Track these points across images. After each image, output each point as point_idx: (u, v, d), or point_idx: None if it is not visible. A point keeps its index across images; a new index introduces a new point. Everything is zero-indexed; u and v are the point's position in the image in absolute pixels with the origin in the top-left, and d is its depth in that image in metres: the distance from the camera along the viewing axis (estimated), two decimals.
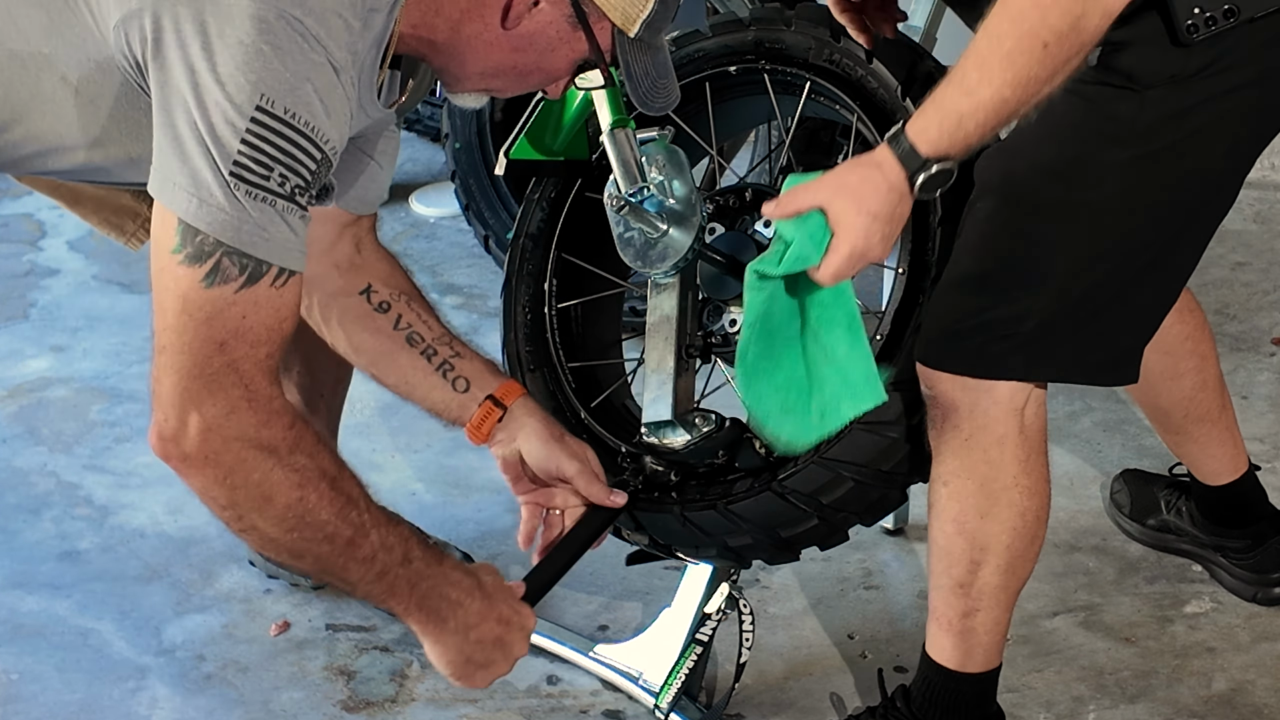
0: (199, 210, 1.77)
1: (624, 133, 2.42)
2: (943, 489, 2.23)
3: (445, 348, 2.28)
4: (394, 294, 2.27)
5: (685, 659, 2.47)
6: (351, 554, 1.90)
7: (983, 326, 2.14)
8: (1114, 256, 2.13)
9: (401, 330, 2.27)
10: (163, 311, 1.80)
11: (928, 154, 1.93)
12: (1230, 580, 2.72)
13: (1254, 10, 2.00)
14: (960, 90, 1.91)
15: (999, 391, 2.17)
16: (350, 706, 2.59)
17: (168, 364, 1.80)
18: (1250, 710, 2.49)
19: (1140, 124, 2.05)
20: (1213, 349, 2.61)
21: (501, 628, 2.04)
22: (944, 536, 2.24)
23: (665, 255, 2.41)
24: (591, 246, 2.63)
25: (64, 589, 2.85)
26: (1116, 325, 2.18)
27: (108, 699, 2.61)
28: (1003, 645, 2.31)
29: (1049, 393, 2.07)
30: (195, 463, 1.81)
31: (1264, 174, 4.02)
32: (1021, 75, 1.88)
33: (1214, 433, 2.64)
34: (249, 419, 1.81)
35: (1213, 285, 3.57)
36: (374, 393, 3.33)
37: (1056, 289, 2.12)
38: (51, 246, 4.00)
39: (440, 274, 3.78)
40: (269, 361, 1.82)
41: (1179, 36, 1.99)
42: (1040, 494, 2.23)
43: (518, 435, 2.27)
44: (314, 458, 1.86)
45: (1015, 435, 2.19)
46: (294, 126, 1.78)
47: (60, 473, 3.16)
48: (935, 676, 2.32)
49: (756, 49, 2.53)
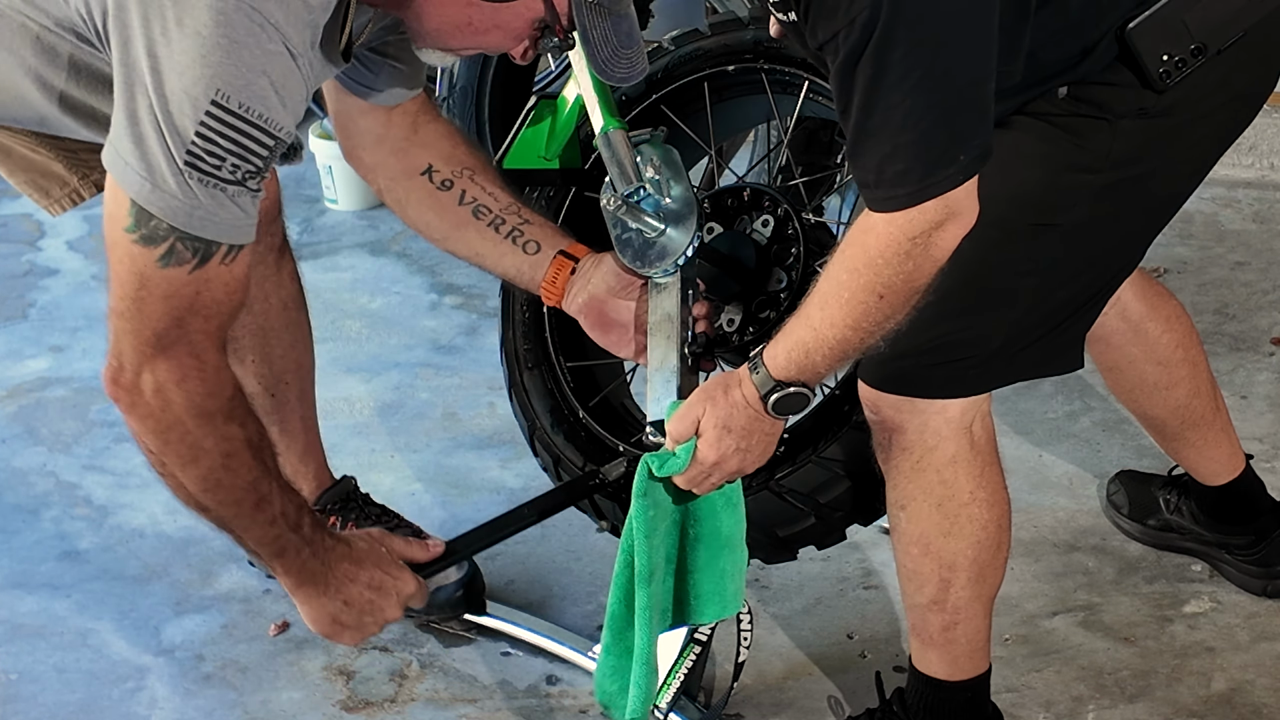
0: (151, 194, 1.87)
1: (618, 134, 2.42)
2: (900, 513, 2.21)
3: (514, 216, 2.34)
4: (456, 170, 2.32)
5: (684, 659, 2.47)
6: (255, 516, 2.04)
7: (939, 349, 2.11)
8: (1084, 275, 2.14)
9: (467, 205, 2.32)
10: (120, 281, 1.92)
11: (779, 379, 2.02)
12: (1237, 576, 2.72)
13: (1220, 43, 2.04)
14: (807, 326, 1.99)
15: (949, 412, 2.14)
16: (349, 706, 2.58)
17: (126, 328, 1.94)
18: (1249, 710, 2.49)
19: (1114, 153, 2.06)
20: (1202, 353, 2.61)
21: (372, 592, 2.15)
22: (910, 559, 2.23)
23: (664, 254, 2.41)
24: (591, 246, 2.63)
25: (63, 589, 2.85)
26: (1074, 327, 2.19)
27: (107, 699, 2.61)
28: (988, 648, 2.31)
29: (1047, 393, 2.07)
30: (138, 411, 1.97)
31: (1263, 174, 4.02)
32: (861, 320, 1.95)
33: (1210, 435, 2.63)
34: (197, 387, 1.95)
35: (1212, 285, 3.57)
36: (374, 393, 3.33)
37: (1023, 309, 2.11)
38: (50, 246, 4.00)
39: (439, 274, 3.78)
40: (219, 333, 1.97)
41: (1153, 84, 2.03)
42: (999, 502, 2.22)
43: (593, 278, 2.33)
44: (244, 427, 2.00)
45: (966, 452, 2.16)
46: (247, 120, 1.86)
47: (59, 473, 3.16)
48: (926, 688, 2.32)
49: (755, 49, 2.53)
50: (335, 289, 3.71)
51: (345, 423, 3.25)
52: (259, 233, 2.02)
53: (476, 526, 2.35)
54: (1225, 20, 2.04)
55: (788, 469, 2.34)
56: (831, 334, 1.97)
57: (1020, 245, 2.08)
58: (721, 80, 2.58)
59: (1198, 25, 2.02)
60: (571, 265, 2.33)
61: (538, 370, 2.64)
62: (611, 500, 2.49)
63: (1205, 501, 2.72)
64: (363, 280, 3.76)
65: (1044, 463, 3.03)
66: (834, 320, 1.96)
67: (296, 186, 4.14)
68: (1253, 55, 2.09)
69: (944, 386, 2.13)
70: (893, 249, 1.90)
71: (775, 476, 2.34)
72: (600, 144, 2.43)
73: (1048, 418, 3.15)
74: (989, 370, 2.15)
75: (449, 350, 3.48)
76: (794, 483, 2.33)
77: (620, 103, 2.51)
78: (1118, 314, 2.53)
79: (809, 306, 1.99)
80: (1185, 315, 2.59)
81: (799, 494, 2.33)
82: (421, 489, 3.07)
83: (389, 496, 2.87)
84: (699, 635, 2.48)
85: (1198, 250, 3.70)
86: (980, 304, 2.10)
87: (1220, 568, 2.75)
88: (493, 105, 3.62)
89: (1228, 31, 2.04)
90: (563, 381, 2.64)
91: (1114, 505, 2.88)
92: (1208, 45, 2.03)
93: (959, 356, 2.11)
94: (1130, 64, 2.03)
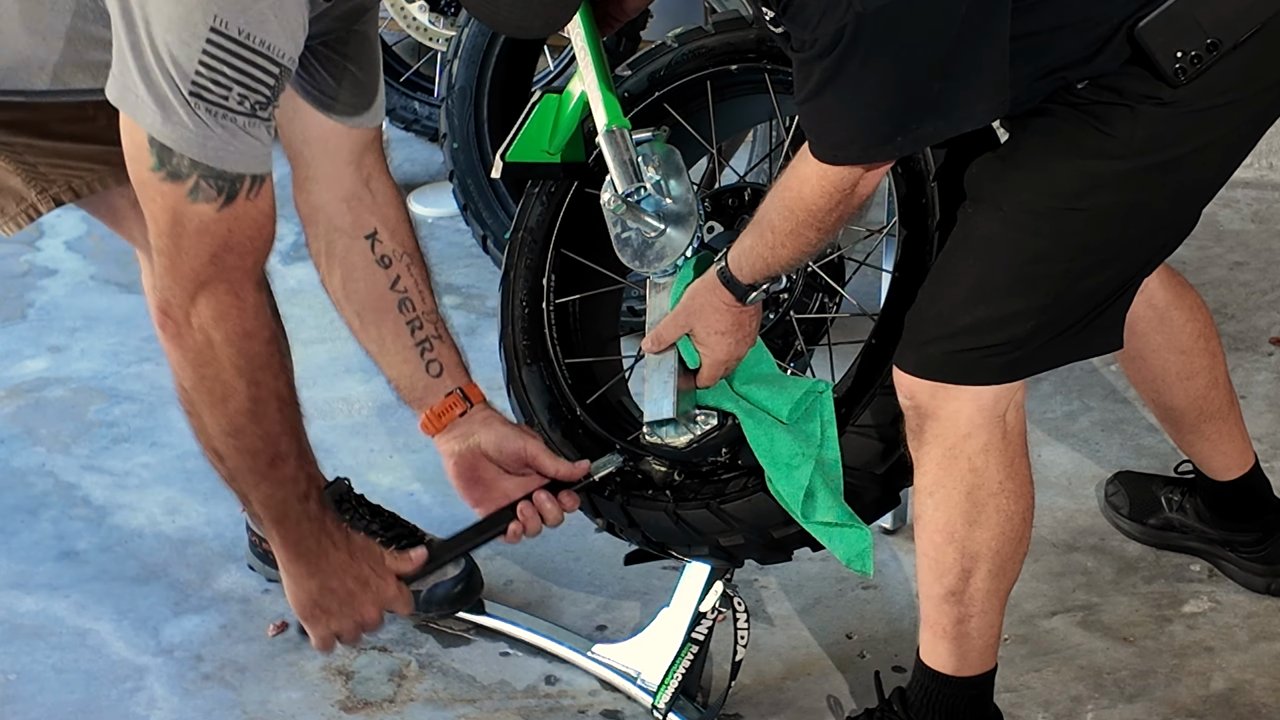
0: (164, 126, 1.88)
1: (620, 132, 2.42)
2: (928, 499, 2.21)
3: (431, 324, 2.35)
4: (398, 251, 2.34)
5: (681, 658, 2.47)
6: (268, 473, 2.06)
7: (973, 334, 2.13)
8: (1114, 262, 2.14)
9: (396, 293, 2.34)
10: (155, 220, 1.95)
11: (747, 283, 2.24)
12: (1240, 574, 2.72)
13: (1236, 37, 2.03)
14: (763, 243, 2.18)
15: (983, 399, 2.15)
16: (348, 707, 2.58)
17: (168, 265, 1.97)
18: (1248, 709, 2.49)
19: (1136, 139, 2.07)
20: (1221, 346, 2.62)
21: (357, 586, 2.18)
22: (933, 547, 2.23)
23: (663, 255, 2.41)
24: (591, 243, 2.63)
25: (62, 589, 2.85)
26: (1107, 314, 2.19)
27: (105, 699, 2.61)
28: (997, 646, 2.31)
29: (1046, 393, 2.08)
30: (184, 342, 1.99)
31: (1262, 174, 4.02)
32: (804, 245, 2.16)
33: (1224, 428, 2.64)
34: (236, 325, 1.98)
35: (1211, 285, 3.58)
36: (372, 393, 3.33)
37: (1055, 295, 2.12)
38: (49, 247, 4.00)
39: (438, 274, 3.75)
40: (256, 270, 1.99)
41: (1170, 82, 2.03)
42: (1025, 495, 2.22)
43: (476, 430, 2.33)
44: (276, 379, 2.03)
45: (999, 441, 2.17)
46: (249, 46, 1.86)
47: (58, 473, 3.16)
48: (931, 683, 2.31)
49: (759, 48, 2.52)
50: None
51: (344, 423, 3.25)
52: None
53: (462, 530, 2.36)
54: (1238, 15, 2.03)
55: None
56: (785, 253, 2.17)
57: (1047, 231, 2.10)
58: (724, 79, 2.58)
59: (1210, 21, 2.02)
60: (464, 408, 2.35)
61: (536, 366, 2.64)
62: (601, 495, 2.49)
63: (1212, 498, 2.72)
64: None
65: (1043, 462, 3.03)
66: (785, 244, 2.16)
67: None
68: (1276, 46, 2.07)
69: (978, 372, 2.14)
70: (825, 199, 2.08)
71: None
72: (603, 141, 2.42)
73: (1046, 417, 3.15)
74: (1022, 356, 2.15)
75: None
76: None
77: (623, 99, 2.51)
78: (1145, 301, 2.52)
79: (760, 228, 2.18)
80: (1205, 307, 2.60)
81: None
82: (420, 489, 3.07)
83: (388, 496, 2.87)
84: (696, 635, 2.48)
85: (1196, 250, 3.70)
86: (1010, 290, 2.12)
87: (1222, 566, 2.75)
88: (492, 105, 3.62)
89: (1242, 26, 2.03)
90: (561, 378, 2.64)
91: (1113, 506, 2.87)
92: (1223, 40, 2.02)
93: (991, 343, 2.13)
94: (1144, 62, 2.03)
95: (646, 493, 2.45)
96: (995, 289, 2.12)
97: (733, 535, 2.39)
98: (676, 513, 2.41)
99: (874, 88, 1.97)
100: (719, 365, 2.34)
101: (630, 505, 2.46)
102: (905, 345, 2.19)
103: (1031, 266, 2.11)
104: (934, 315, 2.16)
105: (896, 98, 1.98)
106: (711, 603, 2.47)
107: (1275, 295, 3.53)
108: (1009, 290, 2.12)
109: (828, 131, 2.03)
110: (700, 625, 2.48)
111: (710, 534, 2.40)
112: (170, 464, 3.15)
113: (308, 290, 3.31)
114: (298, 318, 3.55)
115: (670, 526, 2.43)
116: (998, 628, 2.29)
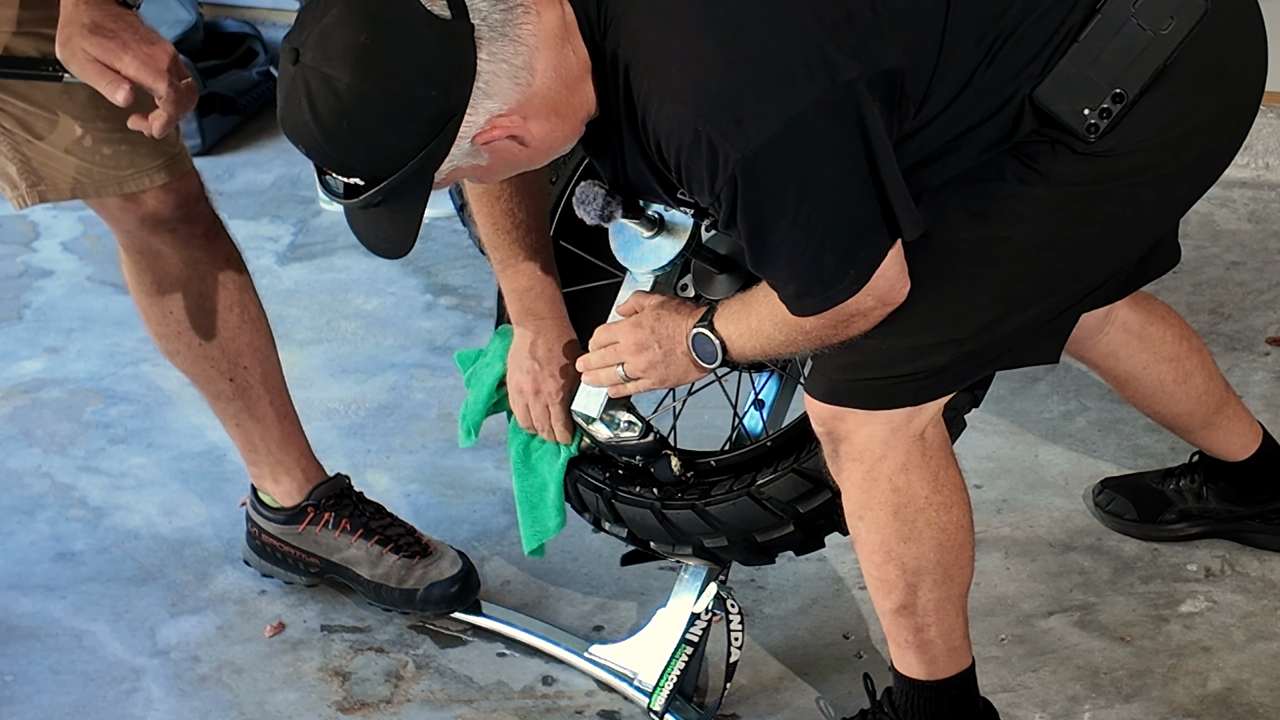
0: None
1: None
2: (859, 523, 2.20)
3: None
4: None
5: (676, 660, 2.47)
6: None
7: (891, 362, 2.08)
8: (1036, 301, 2.11)
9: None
10: None
11: (731, 359, 2.18)
12: (1276, 542, 2.74)
13: (1140, 82, 2.00)
14: (757, 335, 2.13)
15: (895, 420, 2.12)
16: (345, 707, 2.58)
17: None
18: (1246, 709, 2.49)
19: (1056, 171, 2.03)
20: (1199, 337, 2.64)
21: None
22: (875, 566, 2.21)
23: (645, 259, 2.39)
24: (589, 235, 2.62)
25: (58, 591, 2.85)
26: (1048, 331, 2.17)
27: (102, 701, 2.61)
28: (967, 644, 2.29)
29: (1043, 393, 2.06)
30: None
31: (1258, 174, 4.02)
32: (799, 351, 2.13)
33: (1229, 411, 2.66)
34: None
35: (1207, 285, 3.58)
36: (369, 394, 3.33)
37: (977, 326, 2.09)
38: (46, 248, 4.00)
39: (435, 274, 3.78)
40: None
41: (1082, 139, 2.00)
42: (957, 504, 2.19)
43: None
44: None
45: (918, 459, 2.14)
46: None
47: (55, 474, 3.16)
48: (910, 689, 2.31)
49: None
50: (330, 290, 3.71)
51: (341, 423, 3.25)
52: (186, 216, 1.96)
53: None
54: (1129, 64, 1.99)
55: (770, 477, 2.33)
56: (778, 349, 2.14)
57: (969, 258, 2.06)
58: None
59: (1106, 75, 1.98)
60: None
61: None
62: (594, 492, 2.49)
63: (1237, 477, 2.72)
64: (358, 281, 3.75)
65: (1039, 462, 3.03)
66: (777, 345, 2.12)
67: (292, 188, 4.13)
68: (1194, 84, 2.04)
69: (889, 399, 2.11)
70: (819, 329, 2.06)
71: (757, 483, 2.34)
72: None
73: (1043, 417, 3.15)
74: (936, 384, 2.12)
75: (444, 351, 3.48)
76: (775, 491, 2.32)
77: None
78: (1120, 329, 2.53)
79: (758, 322, 2.12)
80: (1172, 309, 2.62)
81: (780, 502, 2.32)
82: (417, 489, 3.07)
83: (385, 497, 2.87)
84: (690, 636, 2.48)
85: (1193, 250, 3.70)
86: (930, 317, 2.07)
87: (1254, 539, 2.75)
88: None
89: (1140, 71, 1.99)
90: None
91: (1113, 514, 2.85)
92: (1127, 90, 1.99)
93: (905, 373, 2.09)
94: (1055, 125, 2.00)
95: (634, 489, 2.45)
96: (910, 322, 2.07)
97: (716, 537, 2.39)
98: (662, 512, 2.41)
99: (799, 225, 1.94)
100: (618, 351, 2.31)
101: (617, 500, 2.45)
102: (815, 371, 2.15)
103: (950, 300, 2.07)
104: (852, 343, 2.09)
105: (825, 225, 1.94)
106: (705, 604, 2.47)
107: (1271, 295, 3.53)
108: (925, 324, 2.07)
109: (788, 286, 2.01)
110: (695, 626, 2.48)
111: (694, 535, 2.40)
112: (167, 465, 3.15)
113: (305, 290, 3.32)
114: (295, 318, 3.55)
115: (655, 525, 2.42)
116: (961, 629, 2.27)
